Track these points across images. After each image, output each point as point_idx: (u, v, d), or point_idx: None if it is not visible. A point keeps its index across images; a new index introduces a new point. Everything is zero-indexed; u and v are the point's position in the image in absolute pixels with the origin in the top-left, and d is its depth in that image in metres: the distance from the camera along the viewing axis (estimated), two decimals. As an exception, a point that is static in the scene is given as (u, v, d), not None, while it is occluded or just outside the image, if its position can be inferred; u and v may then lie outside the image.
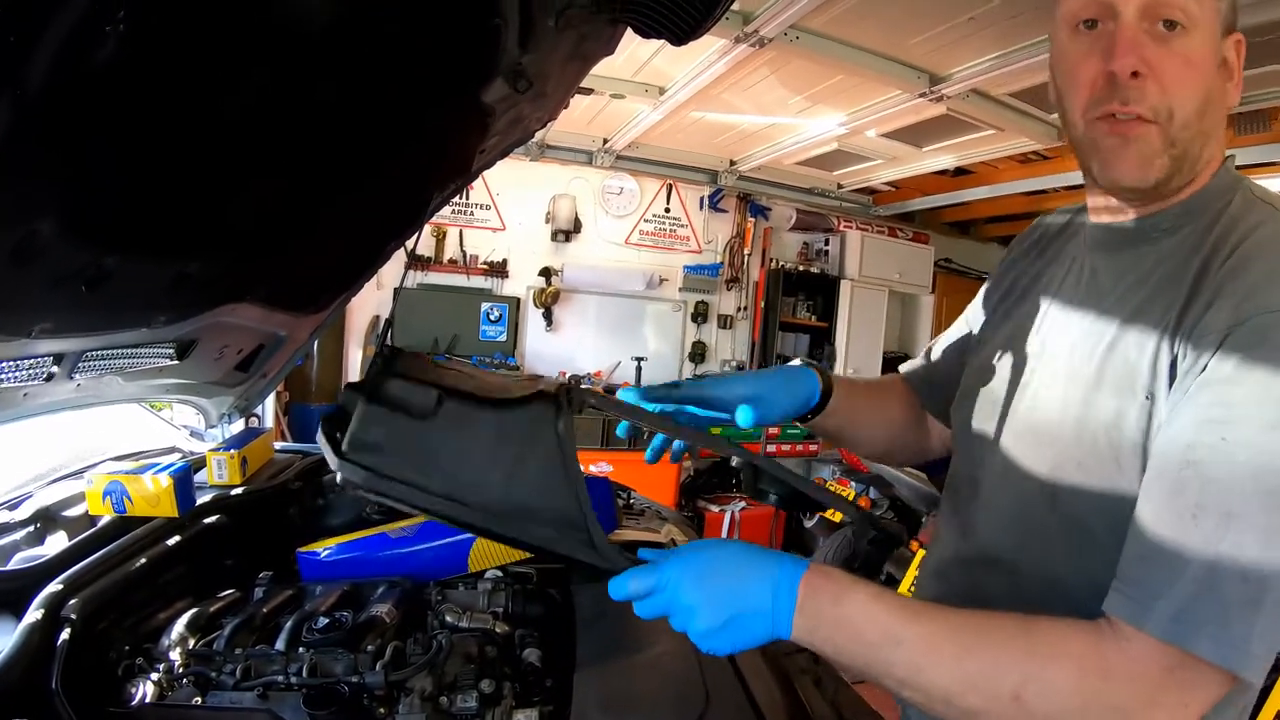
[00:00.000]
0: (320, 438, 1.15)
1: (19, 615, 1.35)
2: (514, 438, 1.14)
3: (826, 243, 9.34)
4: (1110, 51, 1.07)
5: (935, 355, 1.62)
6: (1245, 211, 1.08)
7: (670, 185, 8.46)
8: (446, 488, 1.09)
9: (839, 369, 8.88)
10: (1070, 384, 1.17)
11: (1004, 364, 1.34)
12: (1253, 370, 0.93)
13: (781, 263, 9.06)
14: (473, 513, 1.10)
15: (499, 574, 1.90)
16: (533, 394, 1.19)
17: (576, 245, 8.19)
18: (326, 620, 1.56)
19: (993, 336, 1.42)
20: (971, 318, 1.57)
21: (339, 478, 1.09)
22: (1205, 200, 1.12)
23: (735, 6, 1.55)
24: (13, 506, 1.93)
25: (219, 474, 2.16)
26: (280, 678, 1.41)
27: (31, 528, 1.85)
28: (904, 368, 1.70)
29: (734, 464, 1.43)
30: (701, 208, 8.66)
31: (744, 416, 1.37)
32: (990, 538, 1.28)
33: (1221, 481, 0.91)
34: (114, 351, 1.66)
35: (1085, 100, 1.11)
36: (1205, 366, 0.97)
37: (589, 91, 5.48)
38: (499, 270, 7.90)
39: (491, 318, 7.78)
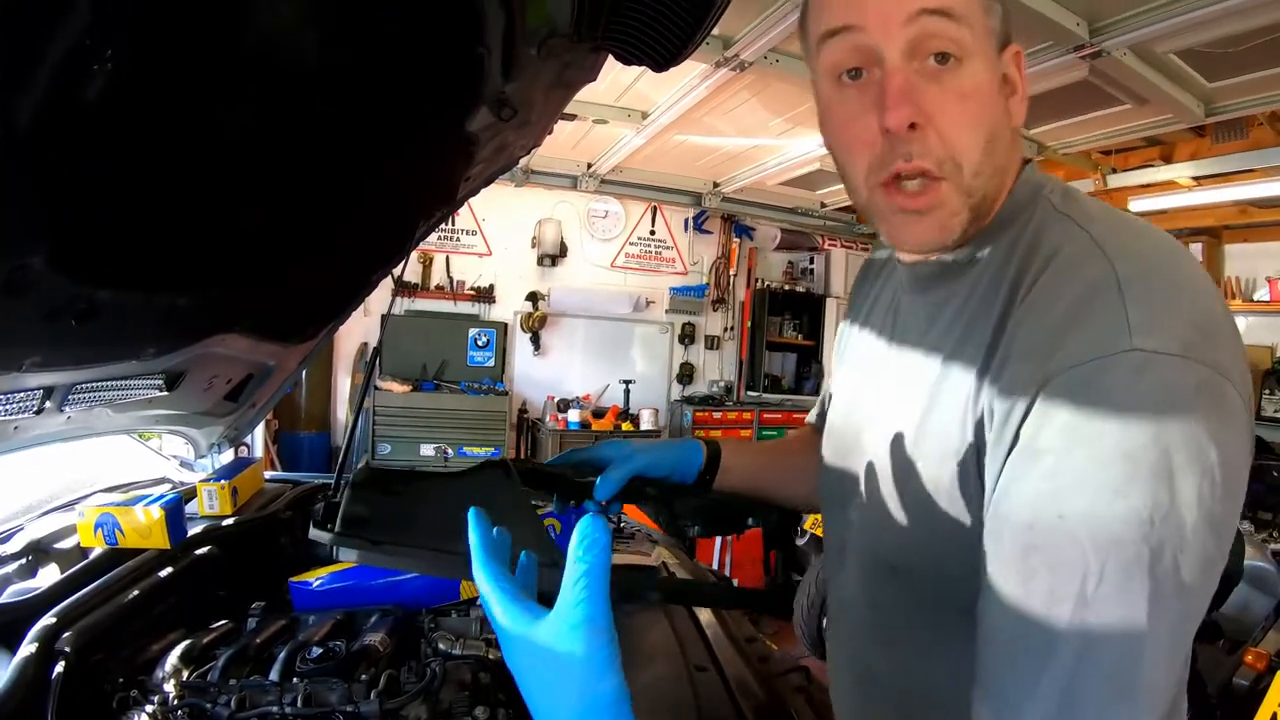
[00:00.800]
0: (313, 531, 1.23)
1: (13, 649, 1.35)
2: (478, 496, 1.23)
3: (811, 261, 9.42)
4: (881, 104, 0.96)
5: (827, 404, 1.52)
6: (1043, 230, 0.99)
7: (655, 208, 8.53)
8: (430, 542, 1.19)
9: (826, 388, 8.92)
10: (895, 446, 1.10)
11: (845, 425, 1.28)
12: (1075, 433, 0.83)
13: (767, 282, 9.15)
14: (456, 560, 1.16)
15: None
16: (483, 464, 1.37)
17: (563, 269, 8.24)
18: (320, 650, 1.56)
19: (838, 392, 1.37)
20: (834, 366, 1.47)
21: (337, 554, 1.17)
22: (1005, 220, 1.04)
23: (715, 31, 1.57)
24: (4, 539, 1.92)
25: (210, 504, 2.16)
26: (275, 708, 1.40)
27: (23, 560, 1.84)
28: (809, 416, 1.65)
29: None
30: (686, 229, 8.73)
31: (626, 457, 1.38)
32: (857, 611, 1.21)
33: (1069, 564, 0.80)
34: (104, 384, 1.66)
35: (866, 164, 1.01)
36: (1018, 433, 0.87)
37: (572, 117, 5.52)
38: (486, 295, 7.93)
39: (479, 343, 7.80)
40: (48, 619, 1.41)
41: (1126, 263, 0.88)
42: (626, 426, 7.82)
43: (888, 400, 1.15)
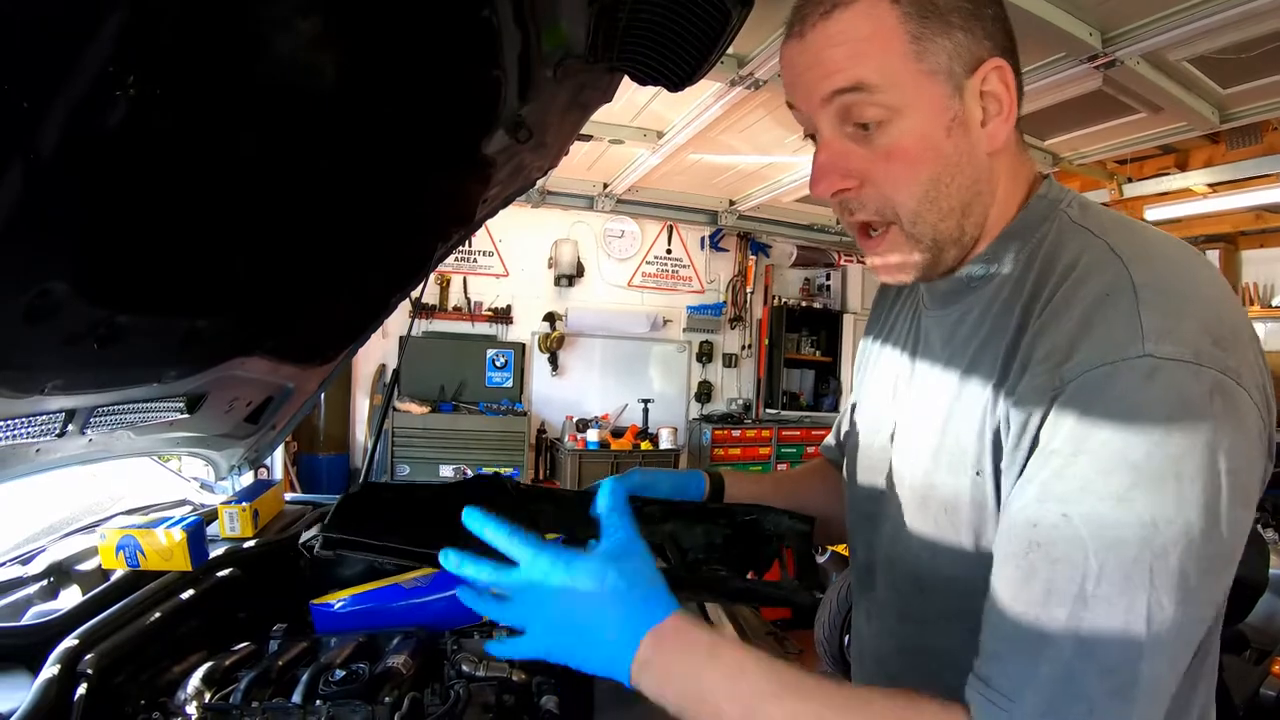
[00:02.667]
0: (304, 535, 1.31)
1: (35, 670, 1.36)
2: (471, 502, 1.27)
3: (828, 277, 9.41)
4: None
5: (842, 430, 1.54)
6: (1062, 243, 1.00)
7: (671, 227, 8.54)
8: (417, 543, 1.24)
9: (844, 403, 8.89)
10: (917, 461, 1.12)
11: (873, 442, 1.28)
12: (1084, 438, 0.85)
13: (784, 299, 9.13)
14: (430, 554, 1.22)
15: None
16: (477, 477, 1.41)
17: (580, 289, 8.25)
18: (343, 672, 1.55)
19: (864, 410, 1.36)
20: (855, 384, 1.47)
21: (318, 546, 1.25)
22: (1017, 234, 1.06)
23: (729, 50, 1.58)
24: (26, 561, 1.93)
25: (231, 527, 2.16)
26: (297, 730, 1.41)
27: (45, 582, 1.85)
28: (823, 445, 1.64)
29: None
30: (703, 248, 8.74)
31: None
32: (885, 626, 1.23)
33: (1070, 563, 0.83)
34: (125, 407, 1.67)
35: (836, 213, 1.10)
36: (1035, 438, 0.90)
37: (588, 138, 5.55)
38: (503, 316, 7.95)
39: (497, 364, 7.81)
40: (70, 641, 1.41)
41: (1142, 269, 0.90)
42: (645, 446, 7.80)
43: (911, 416, 1.16)
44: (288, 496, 2.60)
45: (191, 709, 1.45)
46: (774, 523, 1.42)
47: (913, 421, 1.15)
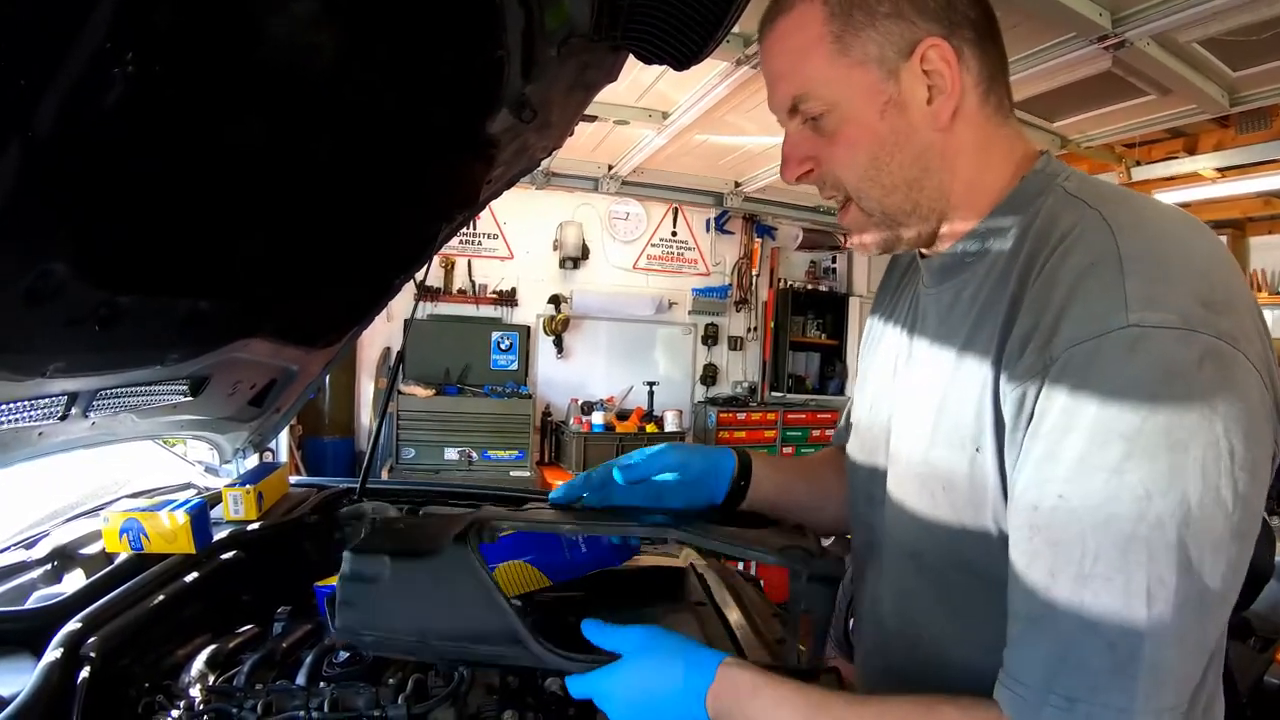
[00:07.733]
0: (327, 613, 1.37)
1: (38, 654, 1.35)
2: (445, 580, 1.32)
3: (834, 260, 9.38)
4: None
5: (852, 418, 1.50)
6: (1056, 215, 1.00)
7: (676, 209, 8.51)
8: (414, 630, 1.29)
9: (850, 387, 8.88)
10: (915, 439, 1.13)
11: (872, 421, 1.30)
12: (1074, 415, 0.85)
13: (790, 282, 9.11)
14: (437, 648, 1.30)
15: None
16: (454, 534, 1.37)
17: (585, 272, 8.23)
18: (347, 654, 1.55)
19: (862, 391, 1.38)
20: (860, 364, 1.49)
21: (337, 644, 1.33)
22: (1012, 209, 1.07)
23: (735, 29, 1.56)
24: (30, 545, 1.93)
25: (235, 509, 2.16)
26: (302, 713, 1.40)
27: (49, 566, 1.85)
28: (836, 432, 1.63)
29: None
30: (708, 230, 8.71)
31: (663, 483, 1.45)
32: (885, 607, 1.24)
33: (1067, 543, 0.84)
34: (128, 389, 1.67)
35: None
36: (1031, 415, 0.91)
37: (593, 118, 5.52)
38: (508, 299, 7.93)
39: (502, 347, 7.79)
40: (73, 624, 1.41)
41: (1131, 238, 0.90)
42: (651, 429, 7.79)
43: (909, 393, 1.18)
44: (293, 479, 2.60)
45: (195, 691, 1.45)
46: (796, 586, 1.40)
47: (911, 399, 1.17)
